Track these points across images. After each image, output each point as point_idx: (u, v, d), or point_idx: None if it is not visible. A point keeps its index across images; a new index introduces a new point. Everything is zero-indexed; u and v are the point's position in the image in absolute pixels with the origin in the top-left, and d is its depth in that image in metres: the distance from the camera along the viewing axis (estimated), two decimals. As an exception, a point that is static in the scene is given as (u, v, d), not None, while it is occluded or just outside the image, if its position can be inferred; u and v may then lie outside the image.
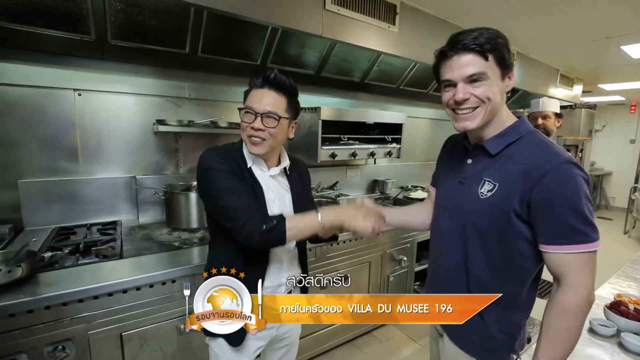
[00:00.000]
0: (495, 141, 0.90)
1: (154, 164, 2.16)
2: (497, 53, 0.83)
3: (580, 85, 4.50)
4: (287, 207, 1.19)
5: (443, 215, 1.04)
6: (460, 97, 0.86)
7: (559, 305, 0.83)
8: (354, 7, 1.94)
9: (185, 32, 1.84)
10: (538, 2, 2.16)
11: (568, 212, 0.78)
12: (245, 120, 1.08)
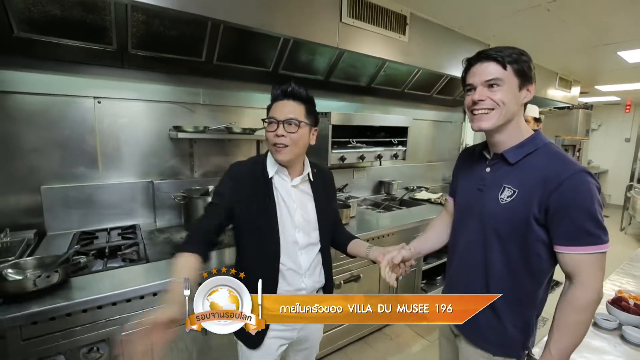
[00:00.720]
0: (515, 151, 0.98)
1: (170, 169, 2.22)
2: (516, 65, 0.93)
3: (578, 87, 4.61)
4: (310, 215, 1.25)
5: (463, 221, 1.11)
6: (476, 97, 0.96)
7: (572, 302, 0.90)
8: (367, 19, 2.02)
9: (203, 42, 1.90)
10: (540, 14, 2.25)
11: (583, 217, 0.86)
12: (269, 130, 1.15)
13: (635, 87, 4.80)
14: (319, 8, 1.83)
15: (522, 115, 1.00)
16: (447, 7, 2.27)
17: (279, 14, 1.68)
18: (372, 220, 2.51)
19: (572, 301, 0.90)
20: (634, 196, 5.25)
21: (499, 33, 2.72)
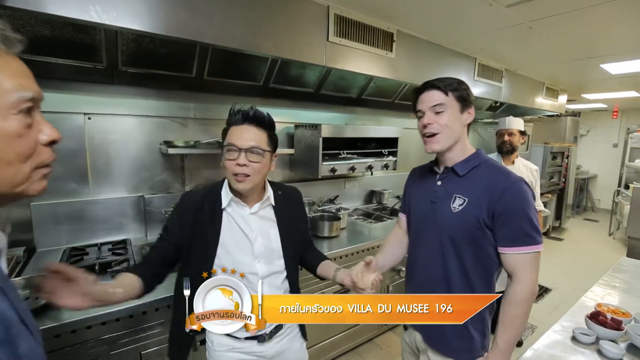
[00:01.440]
0: (462, 165, 1.13)
1: (161, 183, 2.23)
2: (456, 92, 1.08)
3: (565, 96, 4.70)
4: (272, 241, 1.17)
5: (420, 234, 1.21)
6: (425, 121, 1.10)
7: (511, 297, 1.04)
8: (354, 37, 2.06)
9: (193, 59, 1.92)
10: (523, 31, 2.32)
11: (523, 220, 1.02)
12: (229, 158, 1.07)
13: (621, 95, 4.92)
14: (305, 29, 1.87)
15: (466, 135, 1.14)
16: (432, 25, 2.33)
17: (265, 35, 1.72)
18: (363, 232, 2.53)
19: (511, 297, 1.04)
20: (621, 202, 5.34)
21: (485, 47, 2.78)
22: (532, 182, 2.42)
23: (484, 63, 3.13)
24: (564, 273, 4.02)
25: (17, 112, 0.48)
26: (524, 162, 2.46)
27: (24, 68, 0.51)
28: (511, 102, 3.68)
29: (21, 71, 0.50)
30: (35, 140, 0.51)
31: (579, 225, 6.38)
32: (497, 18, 2.12)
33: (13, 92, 0.47)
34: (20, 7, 1.13)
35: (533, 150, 4.90)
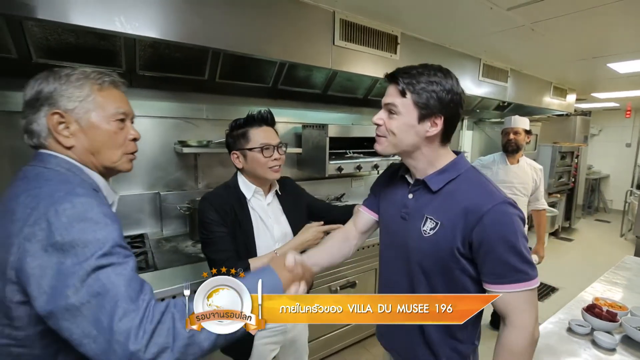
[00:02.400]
0: (436, 178, 0.92)
1: (175, 181, 2.35)
2: (416, 96, 0.84)
3: (574, 95, 4.67)
4: (284, 227, 1.37)
5: (389, 249, 1.05)
6: (373, 119, 0.93)
7: (506, 346, 0.86)
8: (359, 41, 2.15)
9: (205, 62, 2.03)
10: (525, 33, 2.36)
11: (508, 252, 0.82)
12: (266, 155, 1.25)
13: (633, 93, 4.86)
14: (312, 34, 1.96)
15: (435, 146, 0.91)
16: (435, 27, 2.38)
17: (274, 41, 1.81)
18: (368, 229, 2.60)
19: (506, 345, 0.86)
20: (632, 202, 5.28)
21: (489, 48, 2.82)
22: (537, 182, 2.46)
23: (489, 63, 3.16)
24: (571, 273, 4.01)
25: (115, 120, 0.79)
26: (529, 162, 2.50)
27: (123, 97, 0.83)
28: (517, 101, 3.70)
29: (120, 98, 0.82)
30: (125, 137, 0.82)
31: (589, 226, 6.32)
32: (499, 20, 2.17)
33: (114, 109, 0.79)
34: (53, 19, 1.25)
35: (541, 150, 4.88)
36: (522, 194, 2.43)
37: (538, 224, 2.57)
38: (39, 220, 0.59)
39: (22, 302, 0.60)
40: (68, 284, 0.57)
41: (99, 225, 0.62)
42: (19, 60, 1.64)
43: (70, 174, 0.74)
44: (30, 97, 0.75)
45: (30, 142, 0.77)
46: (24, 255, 0.58)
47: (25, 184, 0.68)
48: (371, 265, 2.45)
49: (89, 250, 0.59)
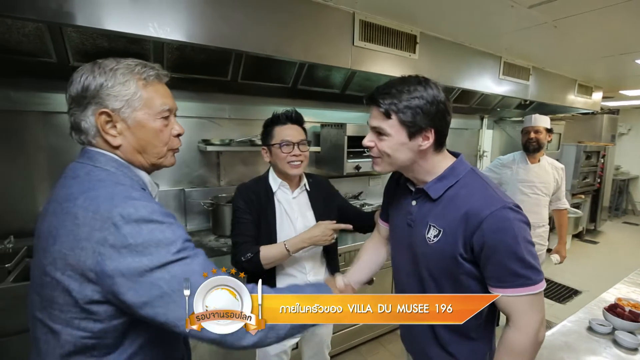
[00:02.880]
0: (435, 185, 0.92)
1: (199, 178, 2.44)
2: (402, 115, 0.83)
3: (600, 93, 4.52)
4: (310, 222, 1.41)
5: (399, 254, 1.06)
6: (364, 142, 0.93)
7: (507, 346, 0.86)
8: (378, 41, 2.18)
9: (228, 64, 2.10)
10: (548, 30, 2.32)
11: (508, 258, 0.81)
12: (285, 151, 1.34)
13: (664, 91, 4.66)
14: (332, 35, 2.01)
15: (430, 154, 0.91)
16: (455, 26, 2.38)
17: (296, 42, 1.87)
18: (385, 227, 2.63)
19: (508, 345, 0.86)
20: (663, 204, 5.06)
21: (510, 46, 2.79)
22: (558, 181, 2.42)
23: (510, 61, 3.12)
24: (595, 276, 3.90)
25: (160, 117, 0.79)
26: (550, 161, 2.46)
27: (167, 91, 0.81)
28: (540, 100, 3.63)
29: (165, 93, 0.81)
30: (170, 133, 0.82)
31: (616, 229, 6.08)
32: (520, 18, 2.15)
33: (160, 106, 0.78)
34: (91, 25, 1.34)
35: (565, 150, 4.75)
36: (544, 193, 2.39)
37: (559, 224, 2.52)
38: (106, 225, 0.63)
39: (100, 300, 0.65)
40: (153, 279, 0.63)
41: (164, 225, 0.66)
42: (58, 64, 1.76)
43: (120, 172, 0.74)
44: (77, 93, 0.73)
45: (78, 139, 0.77)
46: (102, 258, 0.62)
47: (79, 184, 0.69)
48: (387, 262, 2.46)
49: (163, 248, 0.64)
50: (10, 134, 1.90)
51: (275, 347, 1.38)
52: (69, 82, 0.75)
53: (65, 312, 0.65)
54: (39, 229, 0.72)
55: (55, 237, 0.65)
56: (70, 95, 0.75)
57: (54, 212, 0.68)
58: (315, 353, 1.56)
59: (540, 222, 2.42)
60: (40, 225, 0.72)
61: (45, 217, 0.71)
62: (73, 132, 0.78)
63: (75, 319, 0.66)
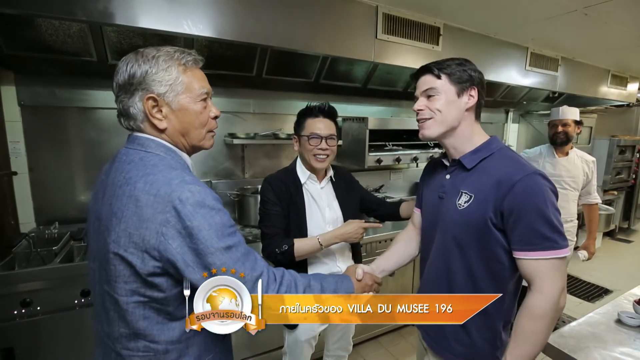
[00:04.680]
0: (470, 157, 0.99)
1: (224, 170, 2.54)
2: (450, 74, 0.97)
3: (636, 84, 4.30)
4: (335, 211, 1.48)
5: (429, 231, 1.11)
6: (415, 107, 1.03)
7: (528, 309, 0.89)
8: (401, 33, 2.19)
9: (253, 59, 2.17)
10: (578, 18, 2.24)
11: (538, 220, 0.85)
12: (312, 144, 1.38)
13: None
14: (356, 28, 2.04)
15: (472, 119, 1.01)
16: (480, 16, 2.35)
17: (322, 37, 1.92)
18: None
19: (529, 308, 0.89)
20: None
21: (537, 36, 2.71)
22: (588, 175, 2.35)
23: (537, 52, 3.03)
24: (628, 276, 3.74)
25: (200, 99, 0.83)
26: (580, 154, 2.39)
27: (203, 75, 0.86)
28: (570, 92, 3.50)
29: (202, 77, 0.85)
30: (208, 115, 0.86)
31: (653, 228, 5.77)
32: (548, 6, 2.09)
33: (199, 89, 0.82)
34: (132, 25, 1.44)
35: (596, 144, 4.56)
36: (572, 187, 2.33)
37: (589, 219, 2.44)
38: (167, 208, 0.69)
39: (161, 273, 0.72)
40: (205, 261, 0.70)
41: (214, 210, 0.73)
42: (97, 62, 1.88)
43: (169, 157, 0.79)
44: (124, 81, 0.77)
45: (127, 125, 0.82)
46: (166, 238, 0.69)
47: (135, 169, 0.75)
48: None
49: (214, 233, 0.71)
50: (54, 128, 2.05)
51: (306, 332, 1.43)
52: (115, 71, 0.80)
53: (130, 284, 0.73)
54: (97, 210, 0.80)
55: (119, 218, 0.71)
56: (117, 83, 0.79)
57: (115, 195, 0.74)
58: (339, 338, 1.62)
59: (569, 217, 2.36)
60: (98, 207, 0.79)
61: (104, 200, 0.77)
62: (122, 119, 0.82)
63: (140, 288, 0.73)
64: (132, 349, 0.76)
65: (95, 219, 0.80)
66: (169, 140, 0.82)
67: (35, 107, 1.98)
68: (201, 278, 0.70)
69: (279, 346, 1.99)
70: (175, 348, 0.78)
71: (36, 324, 1.55)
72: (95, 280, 0.82)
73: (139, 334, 0.75)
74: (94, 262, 0.82)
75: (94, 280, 0.83)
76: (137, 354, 0.76)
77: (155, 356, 0.76)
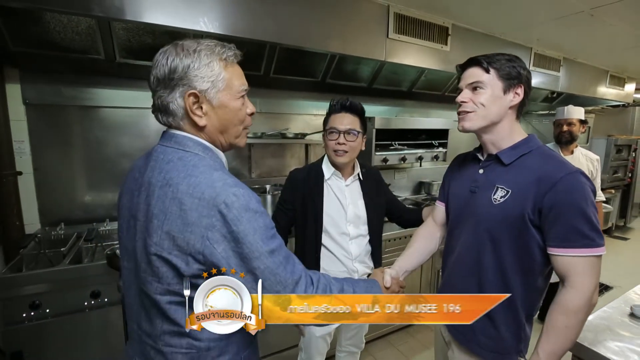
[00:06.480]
0: (509, 152, 0.98)
1: (231, 170, 2.45)
2: (500, 69, 0.95)
3: (633, 84, 4.38)
4: (360, 210, 1.45)
5: (457, 224, 1.10)
6: (459, 99, 1.01)
7: (562, 304, 0.89)
8: (411, 33, 2.21)
9: (262, 58, 2.15)
10: (584, 18, 2.28)
11: (577, 218, 0.85)
12: (330, 139, 1.37)
13: (702, 81, 4.47)
14: (368, 27, 2.04)
15: (513, 117, 1.00)
16: (487, 17, 2.37)
17: (335, 35, 1.92)
18: (413, 219, 2.65)
19: (563, 304, 0.89)
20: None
21: (542, 37, 2.74)
22: (593, 173, 2.37)
23: (540, 52, 3.07)
24: (627, 272, 3.79)
25: (239, 96, 0.81)
26: (584, 152, 2.41)
27: (241, 72, 0.84)
28: (570, 91, 3.55)
29: (241, 74, 0.83)
30: (245, 112, 0.84)
31: (648, 226, 5.87)
32: (556, 7, 2.12)
33: (239, 86, 0.81)
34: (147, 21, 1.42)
35: (594, 143, 4.63)
36: (577, 185, 2.35)
37: (594, 217, 2.47)
38: (212, 212, 0.68)
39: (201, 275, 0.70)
40: (249, 265, 0.70)
41: (258, 214, 0.71)
42: (105, 61, 1.85)
43: (207, 156, 0.76)
44: (163, 75, 0.74)
45: (165, 121, 0.79)
46: (211, 242, 0.68)
47: (175, 169, 0.73)
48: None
49: (259, 237, 0.70)
50: (60, 127, 2.01)
51: (321, 329, 1.43)
52: (153, 64, 0.76)
53: (172, 285, 0.72)
54: (132, 208, 0.77)
55: (162, 220, 0.70)
56: (156, 77, 0.75)
57: (154, 195, 0.72)
58: (353, 335, 1.61)
59: (574, 215, 2.38)
60: (134, 206, 0.77)
61: (140, 198, 0.75)
62: (160, 114, 0.79)
63: (184, 290, 0.71)
64: (175, 346, 0.75)
65: (130, 217, 0.78)
66: (206, 138, 0.80)
67: (41, 106, 1.94)
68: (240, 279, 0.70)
69: (293, 345, 1.99)
70: (217, 345, 0.77)
71: (45, 326, 1.52)
72: (130, 280, 0.80)
73: (183, 332, 0.74)
74: (129, 261, 0.80)
75: (129, 280, 0.81)
76: (181, 350, 0.75)
77: (197, 353, 0.76)
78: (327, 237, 1.41)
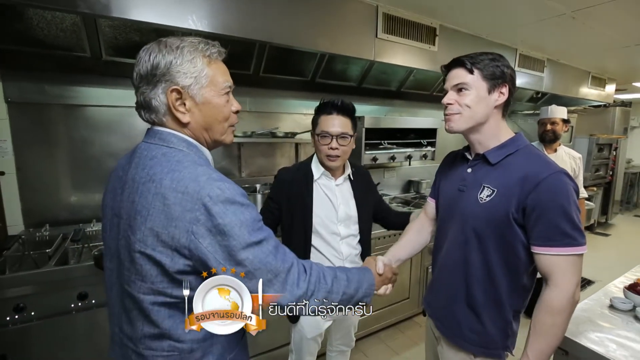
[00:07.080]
0: (495, 152, 1.00)
1: (221, 169, 2.46)
2: (483, 69, 0.95)
3: (613, 85, 4.51)
4: (351, 210, 1.44)
5: (446, 222, 1.12)
6: (444, 101, 1.01)
7: (546, 304, 0.91)
8: (400, 33, 2.24)
9: (251, 57, 2.15)
10: (566, 21, 2.34)
11: (560, 217, 0.87)
12: (322, 143, 1.33)
13: (678, 83, 4.64)
14: (357, 27, 2.06)
15: (499, 117, 1.01)
16: (474, 18, 2.42)
17: (323, 35, 1.93)
18: (402, 217, 2.68)
19: (547, 303, 0.91)
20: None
21: (526, 38, 2.81)
22: (576, 170, 2.44)
23: (525, 53, 3.14)
24: (608, 267, 3.91)
25: (224, 93, 0.81)
26: (567, 150, 2.48)
27: (226, 69, 0.83)
28: (553, 92, 3.64)
29: (225, 71, 0.83)
30: (230, 109, 0.83)
31: (628, 222, 6.06)
32: (538, 9, 2.18)
33: (223, 83, 0.80)
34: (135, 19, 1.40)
35: (577, 142, 4.76)
36: (560, 183, 2.42)
37: (576, 214, 2.54)
38: (196, 205, 0.67)
39: (190, 272, 0.70)
40: (237, 257, 0.68)
41: (244, 206, 0.71)
42: (91, 58, 1.81)
43: (192, 152, 0.76)
44: (146, 71, 0.73)
45: (148, 118, 0.78)
46: (196, 237, 0.67)
47: (159, 165, 0.72)
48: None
49: (245, 229, 0.69)
50: (44, 126, 1.96)
51: (312, 330, 1.43)
52: (136, 61, 0.76)
53: (156, 284, 0.70)
54: (115, 207, 0.76)
55: (145, 217, 0.69)
56: (139, 73, 0.75)
57: (137, 192, 0.71)
58: (344, 335, 1.62)
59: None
60: (117, 204, 0.76)
61: (123, 196, 0.74)
62: (142, 111, 0.78)
63: (167, 288, 0.71)
64: (155, 349, 0.74)
65: (113, 215, 0.77)
66: (190, 134, 0.79)
67: (24, 104, 1.89)
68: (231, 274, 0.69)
69: (284, 343, 1.99)
70: (200, 347, 0.76)
71: (30, 330, 1.49)
72: (112, 280, 0.79)
73: (164, 334, 0.73)
74: (111, 261, 0.79)
75: (110, 280, 0.80)
76: (162, 353, 0.74)
77: (179, 355, 0.75)
78: (317, 238, 1.39)
